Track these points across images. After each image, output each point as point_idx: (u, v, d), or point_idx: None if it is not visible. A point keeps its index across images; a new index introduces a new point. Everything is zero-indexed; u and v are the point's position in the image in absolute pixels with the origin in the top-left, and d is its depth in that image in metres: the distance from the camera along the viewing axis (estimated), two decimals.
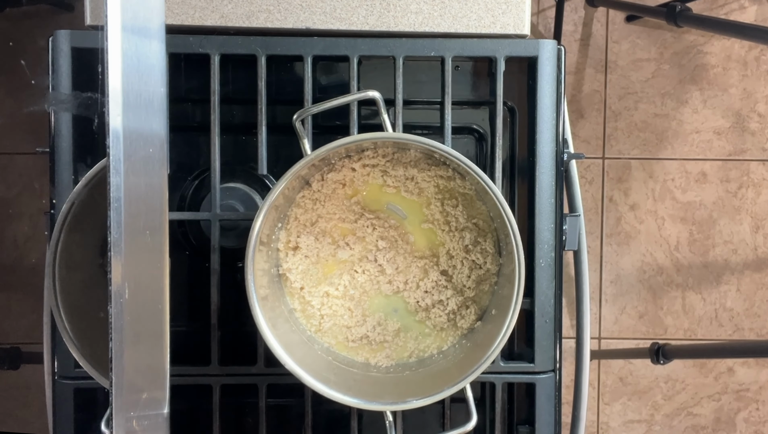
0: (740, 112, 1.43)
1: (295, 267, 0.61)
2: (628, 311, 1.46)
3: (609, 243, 1.45)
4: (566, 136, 0.66)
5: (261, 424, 0.62)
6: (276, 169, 0.61)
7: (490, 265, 0.61)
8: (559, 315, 0.63)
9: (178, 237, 0.65)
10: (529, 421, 0.64)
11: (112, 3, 0.35)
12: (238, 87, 0.64)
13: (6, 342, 1.30)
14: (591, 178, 1.44)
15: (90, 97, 0.60)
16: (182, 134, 0.65)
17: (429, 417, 0.66)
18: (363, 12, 0.62)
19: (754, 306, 1.45)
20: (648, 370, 1.46)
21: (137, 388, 0.37)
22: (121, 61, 0.36)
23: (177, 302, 0.47)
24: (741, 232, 1.44)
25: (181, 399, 0.53)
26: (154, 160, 0.38)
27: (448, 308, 0.61)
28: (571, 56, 1.43)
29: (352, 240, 0.61)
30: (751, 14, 1.43)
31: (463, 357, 0.59)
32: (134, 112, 0.36)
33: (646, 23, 1.42)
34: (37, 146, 0.62)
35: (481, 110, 0.68)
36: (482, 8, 0.63)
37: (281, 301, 0.60)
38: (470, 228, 0.61)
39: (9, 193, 1.35)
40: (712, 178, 1.44)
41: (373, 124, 0.66)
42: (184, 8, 0.62)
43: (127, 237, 0.36)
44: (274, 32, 0.62)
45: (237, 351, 0.62)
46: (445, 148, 0.53)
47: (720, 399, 1.47)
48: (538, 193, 0.62)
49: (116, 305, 0.36)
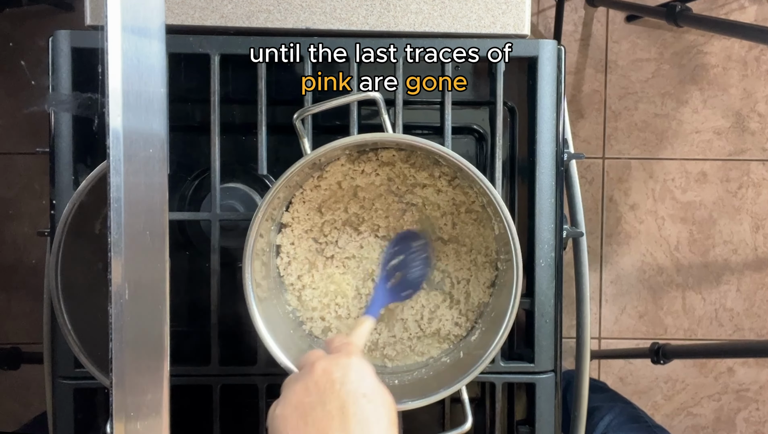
0: (740, 112, 1.43)
1: (294, 267, 0.61)
2: (628, 311, 1.46)
3: (609, 243, 1.45)
4: (566, 136, 0.66)
5: (261, 424, 0.62)
6: (276, 169, 0.61)
7: (489, 274, 0.61)
8: (559, 315, 0.63)
9: (178, 237, 0.65)
10: (529, 421, 0.64)
11: (112, 3, 0.35)
12: (238, 87, 0.64)
13: (6, 342, 1.30)
14: (591, 178, 1.44)
15: (90, 98, 0.60)
16: (182, 134, 0.65)
17: (430, 418, 0.66)
18: (363, 12, 0.62)
19: (754, 306, 1.45)
20: (648, 370, 1.46)
21: (137, 388, 0.37)
22: (121, 61, 0.36)
23: (177, 302, 0.47)
24: (741, 232, 1.44)
25: (181, 399, 0.53)
26: (154, 161, 0.38)
27: (447, 311, 0.61)
28: (571, 56, 1.43)
29: (353, 242, 0.61)
30: (751, 14, 1.43)
31: (460, 359, 0.59)
32: (134, 113, 0.36)
33: (646, 23, 1.42)
34: (37, 146, 0.62)
35: (481, 110, 0.68)
36: (482, 8, 0.63)
37: (280, 301, 0.60)
38: (470, 239, 0.61)
39: (9, 193, 1.35)
40: (712, 178, 1.44)
41: (373, 124, 0.66)
42: (184, 8, 0.62)
43: (127, 237, 0.36)
44: (274, 32, 0.62)
45: (237, 351, 0.62)
46: (444, 150, 0.53)
47: (720, 399, 1.47)
48: (538, 193, 0.61)
49: (116, 305, 0.36)
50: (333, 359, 0.46)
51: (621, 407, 0.91)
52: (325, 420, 0.42)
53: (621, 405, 0.92)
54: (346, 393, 0.43)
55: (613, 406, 0.91)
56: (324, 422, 0.42)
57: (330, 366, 0.45)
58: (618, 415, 0.88)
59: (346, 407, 0.43)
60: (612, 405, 0.91)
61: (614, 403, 0.92)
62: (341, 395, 0.43)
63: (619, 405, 0.91)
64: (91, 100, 0.60)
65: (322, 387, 0.44)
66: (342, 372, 0.45)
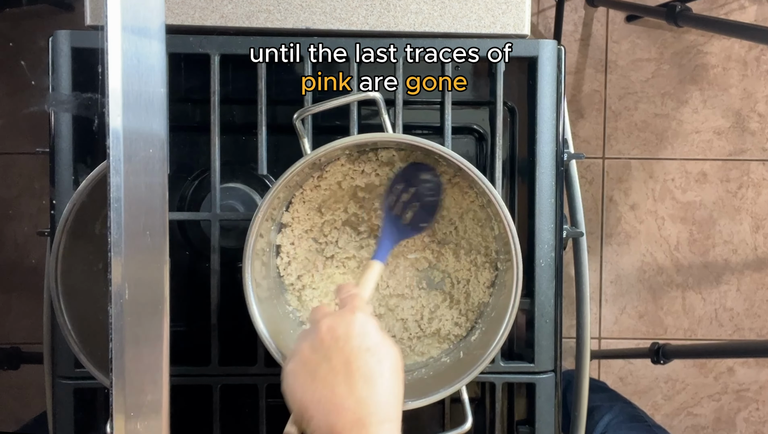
0: (740, 112, 1.43)
1: (294, 267, 0.61)
2: (628, 311, 1.45)
3: (609, 243, 1.45)
4: (566, 136, 0.66)
5: (261, 424, 0.62)
6: (276, 169, 0.61)
7: (489, 274, 0.61)
8: (559, 315, 0.63)
9: (178, 237, 0.65)
10: (529, 421, 0.64)
11: (112, 3, 0.35)
12: (238, 87, 0.64)
13: (6, 342, 1.30)
14: (591, 178, 1.44)
15: (90, 98, 0.60)
16: (182, 134, 0.65)
17: (430, 418, 0.66)
18: (363, 12, 0.62)
19: (754, 306, 1.45)
20: (648, 370, 1.46)
21: (137, 388, 0.37)
22: (121, 62, 0.36)
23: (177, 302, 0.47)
24: (741, 232, 1.44)
25: (181, 399, 0.53)
26: (154, 161, 0.38)
27: (447, 311, 0.61)
28: (571, 56, 1.43)
29: (353, 242, 0.61)
30: (751, 14, 1.43)
31: (459, 359, 0.59)
32: (134, 113, 0.36)
33: (646, 23, 1.42)
34: (37, 146, 0.62)
35: (481, 110, 0.68)
36: (482, 8, 0.62)
37: (280, 301, 0.60)
38: (470, 239, 0.61)
39: (9, 193, 1.35)
40: (712, 178, 1.44)
41: (373, 124, 0.66)
42: (184, 8, 0.62)
43: (127, 237, 0.36)
44: (274, 32, 0.62)
45: (237, 351, 0.62)
46: (444, 150, 0.53)
47: (720, 399, 1.47)
48: (538, 193, 0.61)
49: (116, 305, 0.36)
50: (337, 316, 0.47)
51: (621, 407, 0.91)
52: (331, 375, 0.44)
53: (621, 405, 0.92)
54: (350, 349, 0.45)
55: (613, 406, 0.91)
56: (330, 377, 0.44)
57: (334, 323, 0.46)
58: (618, 415, 0.88)
59: (350, 362, 0.44)
60: (612, 405, 0.91)
61: (614, 403, 0.93)
62: (345, 351, 0.45)
63: (618, 405, 0.91)
64: (91, 100, 0.60)
65: (327, 344, 0.45)
66: (345, 328, 0.46)
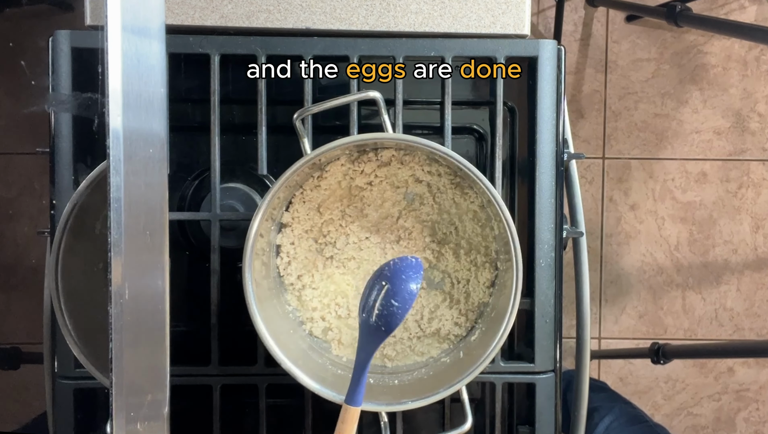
0: (740, 112, 1.43)
1: (294, 267, 0.61)
2: (628, 311, 1.46)
3: (609, 243, 1.45)
4: (566, 136, 0.66)
5: (261, 424, 0.62)
6: (276, 169, 0.61)
7: (489, 274, 0.61)
8: (559, 315, 0.63)
9: (178, 237, 0.65)
10: (529, 421, 0.64)
11: (112, 3, 0.35)
12: (238, 87, 0.64)
13: (6, 342, 1.30)
14: (591, 178, 1.44)
15: (90, 98, 0.60)
16: (182, 134, 0.65)
17: (430, 418, 0.66)
18: (363, 12, 0.62)
19: (754, 306, 1.45)
20: (648, 370, 1.46)
21: (137, 388, 0.37)
22: (121, 62, 0.36)
23: (177, 302, 0.47)
24: (741, 232, 1.44)
25: (181, 399, 0.53)
26: (154, 161, 0.38)
27: (447, 311, 0.61)
28: (571, 56, 1.43)
29: (354, 242, 0.61)
30: (751, 14, 1.43)
31: (460, 359, 0.59)
32: (134, 113, 0.36)
33: (646, 23, 1.42)
34: (37, 146, 0.62)
35: (481, 110, 0.68)
36: (482, 8, 0.62)
37: (280, 301, 0.60)
38: (470, 239, 0.61)
39: (9, 193, 1.35)
40: (712, 178, 1.44)
41: (373, 124, 0.66)
42: (184, 8, 0.62)
43: (127, 237, 0.36)
44: (274, 32, 0.62)
45: (237, 351, 0.62)
46: (444, 150, 0.53)
47: (720, 399, 1.47)
48: (538, 193, 0.61)
49: (116, 305, 0.36)
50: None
51: (621, 408, 0.91)
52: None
53: (621, 406, 0.92)
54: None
55: (613, 407, 0.91)
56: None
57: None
58: (618, 417, 0.88)
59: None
60: (612, 406, 0.91)
61: (614, 403, 0.92)
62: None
63: (619, 406, 0.91)
64: (91, 100, 0.60)
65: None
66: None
